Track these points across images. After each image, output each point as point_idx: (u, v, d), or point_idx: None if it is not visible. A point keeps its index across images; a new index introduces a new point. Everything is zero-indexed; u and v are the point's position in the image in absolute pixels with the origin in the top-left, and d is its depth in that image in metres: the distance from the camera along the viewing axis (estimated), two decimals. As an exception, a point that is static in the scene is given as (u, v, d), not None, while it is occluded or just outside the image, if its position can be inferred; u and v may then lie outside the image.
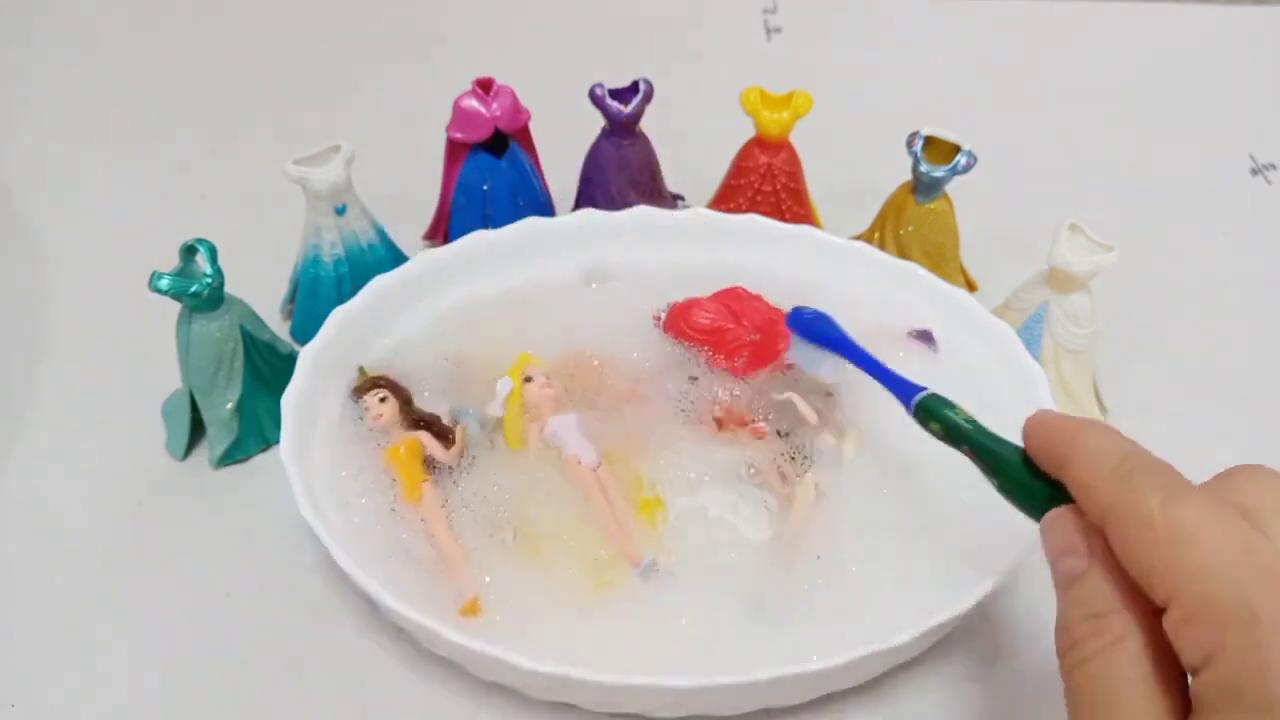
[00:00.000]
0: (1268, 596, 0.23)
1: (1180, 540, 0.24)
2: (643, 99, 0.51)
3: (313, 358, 0.43)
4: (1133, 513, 0.25)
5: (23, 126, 0.67)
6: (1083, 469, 0.28)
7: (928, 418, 0.35)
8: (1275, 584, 0.23)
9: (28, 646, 0.40)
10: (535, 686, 0.36)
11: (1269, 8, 0.80)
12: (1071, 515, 0.28)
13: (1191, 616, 0.23)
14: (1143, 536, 0.25)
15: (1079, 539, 0.27)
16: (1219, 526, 0.24)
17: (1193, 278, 0.57)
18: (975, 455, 0.33)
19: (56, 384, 0.50)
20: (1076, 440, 0.28)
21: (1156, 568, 0.24)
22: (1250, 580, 0.23)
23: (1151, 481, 0.26)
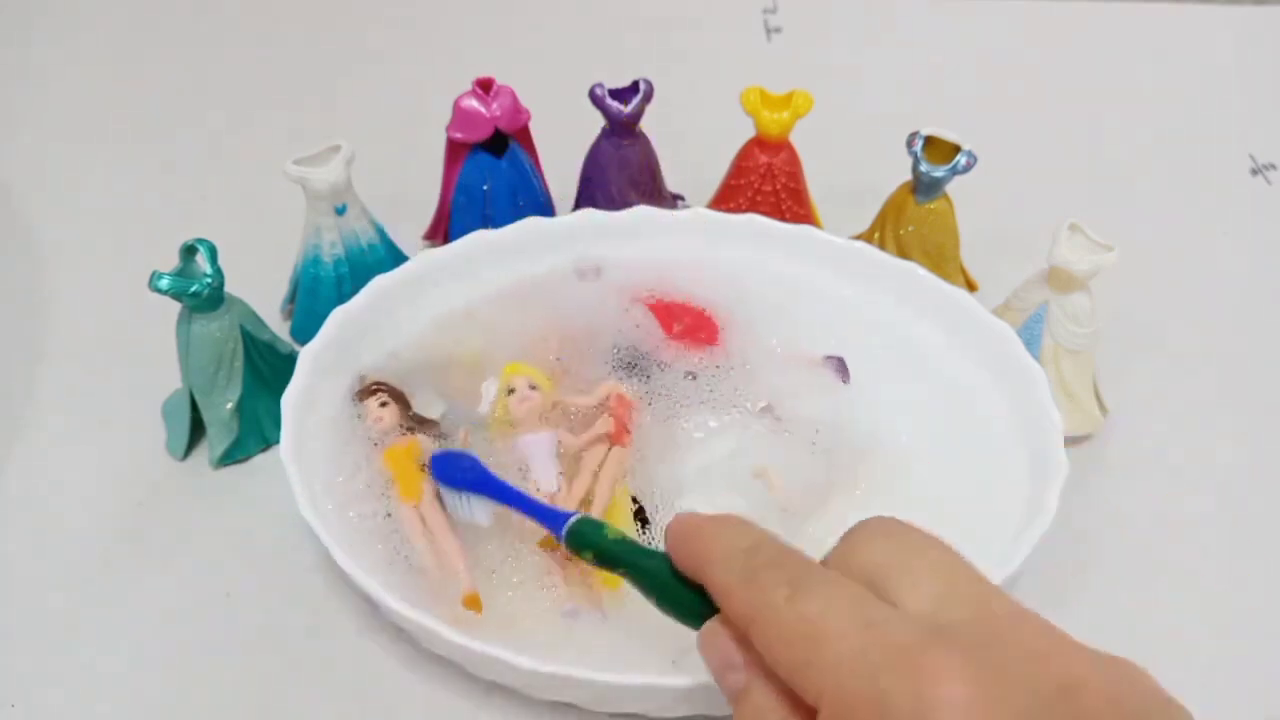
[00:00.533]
0: (895, 682, 0.22)
1: (810, 637, 0.24)
2: (643, 99, 0.51)
3: (313, 358, 0.43)
4: (764, 615, 0.25)
5: (23, 126, 0.67)
6: (714, 573, 0.27)
7: (580, 545, 0.33)
8: (900, 664, 0.23)
9: (28, 646, 0.40)
10: (535, 686, 0.36)
11: (1269, 8, 0.80)
12: (723, 627, 0.27)
13: (836, 717, 0.23)
14: (778, 639, 0.25)
15: (734, 652, 0.26)
16: (843, 612, 0.24)
17: (1193, 278, 0.57)
18: (628, 575, 0.31)
19: (56, 384, 0.50)
20: (709, 540, 0.28)
21: (798, 670, 0.24)
22: (877, 666, 0.23)
23: (777, 577, 0.26)
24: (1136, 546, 0.44)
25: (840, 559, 0.27)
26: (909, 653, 0.23)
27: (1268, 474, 0.47)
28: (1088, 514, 0.44)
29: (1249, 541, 0.44)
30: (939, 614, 0.25)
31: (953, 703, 0.22)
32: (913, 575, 0.25)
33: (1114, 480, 0.46)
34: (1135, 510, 0.45)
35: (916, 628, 0.24)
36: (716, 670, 0.27)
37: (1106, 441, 0.48)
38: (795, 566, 0.26)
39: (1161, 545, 0.44)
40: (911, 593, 0.25)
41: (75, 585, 0.41)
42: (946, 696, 0.22)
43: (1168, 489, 0.46)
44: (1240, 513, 0.46)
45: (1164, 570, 0.43)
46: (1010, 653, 0.23)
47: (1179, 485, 0.46)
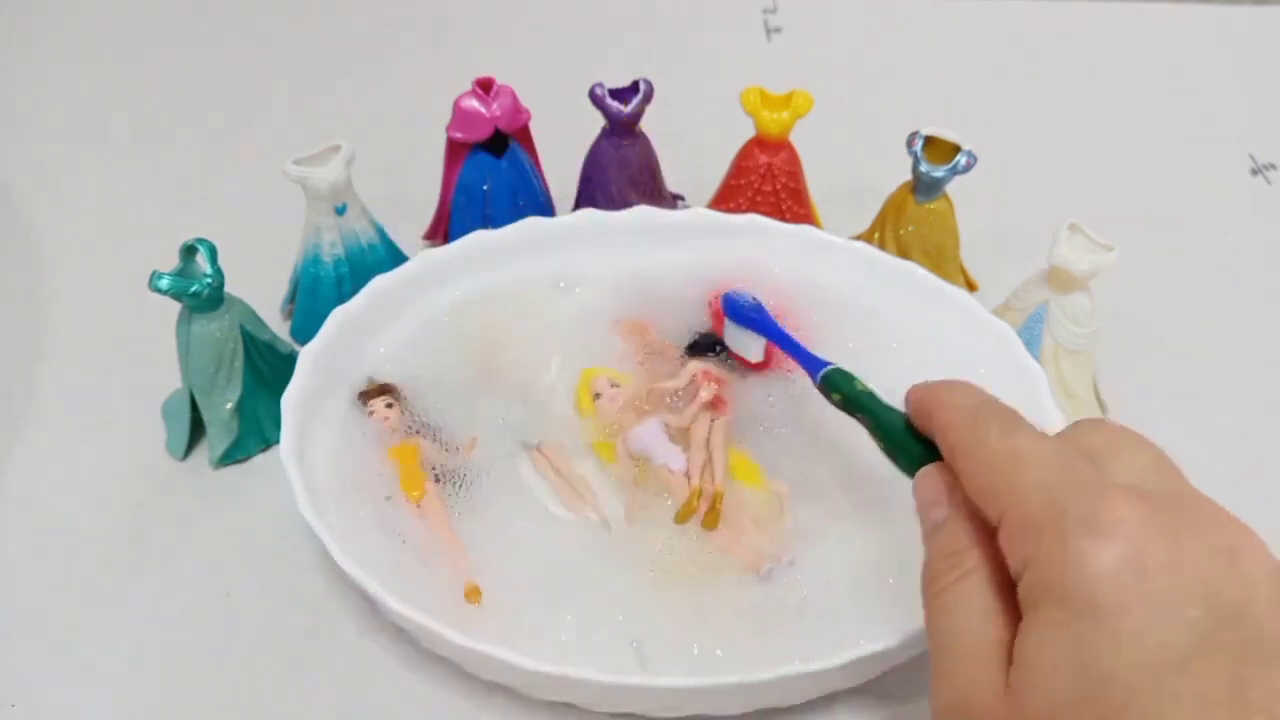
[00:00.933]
0: (1077, 500, 0.25)
1: (1011, 464, 0.27)
2: (643, 99, 0.51)
3: (313, 358, 0.43)
4: (975, 444, 0.28)
5: (23, 126, 0.67)
6: (943, 415, 0.30)
7: (830, 389, 0.38)
8: (1087, 492, 0.25)
9: (28, 646, 0.40)
10: (535, 686, 0.36)
11: (1269, 8, 0.80)
12: (938, 471, 0.30)
13: (1016, 529, 0.26)
14: (981, 464, 0.28)
15: (943, 491, 0.29)
16: (1045, 451, 0.27)
17: (1193, 278, 0.57)
18: (867, 421, 0.35)
19: (56, 384, 0.50)
20: (942, 394, 0.31)
21: (991, 490, 0.27)
22: (1065, 491, 0.25)
23: (994, 418, 0.29)
24: (1136, 546, 0.44)
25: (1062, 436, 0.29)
26: (1094, 484, 0.25)
27: (1268, 474, 0.47)
28: (1088, 514, 0.44)
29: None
30: (1136, 482, 0.26)
31: (1125, 522, 0.24)
32: (1122, 457, 0.27)
33: (1114, 480, 0.46)
34: (1135, 510, 0.45)
35: (1110, 479, 0.26)
36: (924, 504, 0.30)
37: (1106, 441, 0.48)
38: (1014, 417, 0.29)
39: (1161, 545, 0.44)
40: (1117, 465, 0.27)
41: (75, 585, 0.41)
42: (1118, 517, 0.24)
43: (1168, 489, 0.46)
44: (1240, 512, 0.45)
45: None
46: (1191, 514, 0.25)
47: (1179, 485, 0.46)
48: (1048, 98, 0.71)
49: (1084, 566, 0.23)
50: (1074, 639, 0.23)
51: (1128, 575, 0.23)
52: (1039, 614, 0.24)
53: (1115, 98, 0.71)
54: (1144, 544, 0.23)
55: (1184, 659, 0.22)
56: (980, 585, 0.26)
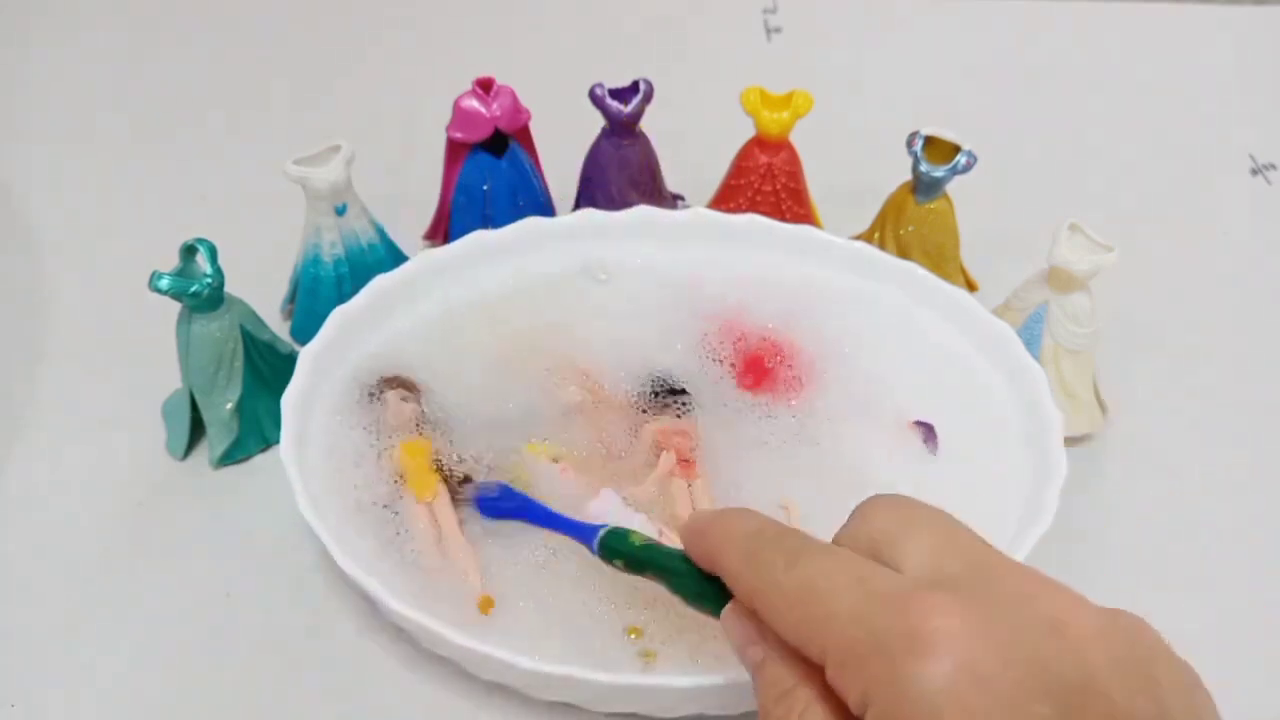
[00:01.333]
0: (890, 622, 0.23)
1: (808, 598, 0.25)
2: (643, 99, 0.51)
3: (313, 358, 0.43)
4: (766, 585, 0.27)
5: (23, 126, 0.67)
6: (723, 558, 0.29)
7: (610, 555, 0.34)
8: (893, 608, 0.24)
9: (28, 646, 0.40)
10: (536, 686, 0.36)
11: (1269, 8, 0.80)
12: (739, 610, 0.29)
13: (842, 666, 0.24)
14: (780, 606, 0.26)
15: (752, 630, 0.28)
16: (836, 572, 0.25)
17: (1193, 278, 0.57)
18: (656, 577, 0.33)
19: (56, 384, 0.50)
20: (713, 531, 0.30)
21: (801, 631, 0.26)
22: (874, 613, 0.24)
23: (776, 552, 0.27)
24: (1136, 546, 0.44)
25: (845, 534, 0.29)
26: (901, 596, 0.24)
27: (1268, 474, 0.47)
28: (1088, 514, 0.44)
29: (1249, 541, 0.45)
30: (935, 570, 0.25)
31: (943, 631, 0.23)
32: (912, 540, 0.26)
33: (1114, 480, 0.46)
34: (1135, 510, 0.45)
35: (910, 580, 0.25)
36: (738, 647, 0.29)
37: (1106, 441, 0.48)
38: (794, 541, 0.28)
39: (1161, 545, 0.44)
40: (911, 555, 0.26)
41: (75, 585, 0.41)
42: (936, 627, 0.23)
43: (1168, 489, 0.46)
44: (1240, 512, 0.46)
45: (1164, 570, 0.43)
46: (1002, 593, 0.24)
47: (1179, 485, 0.46)
48: (1048, 98, 0.71)
49: (921, 692, 0.22)
50: None
51: (966, 688, 0.22)
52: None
53: (1115, 98, 0.71)
54: (970, 648, 0.22)
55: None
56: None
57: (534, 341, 0.47)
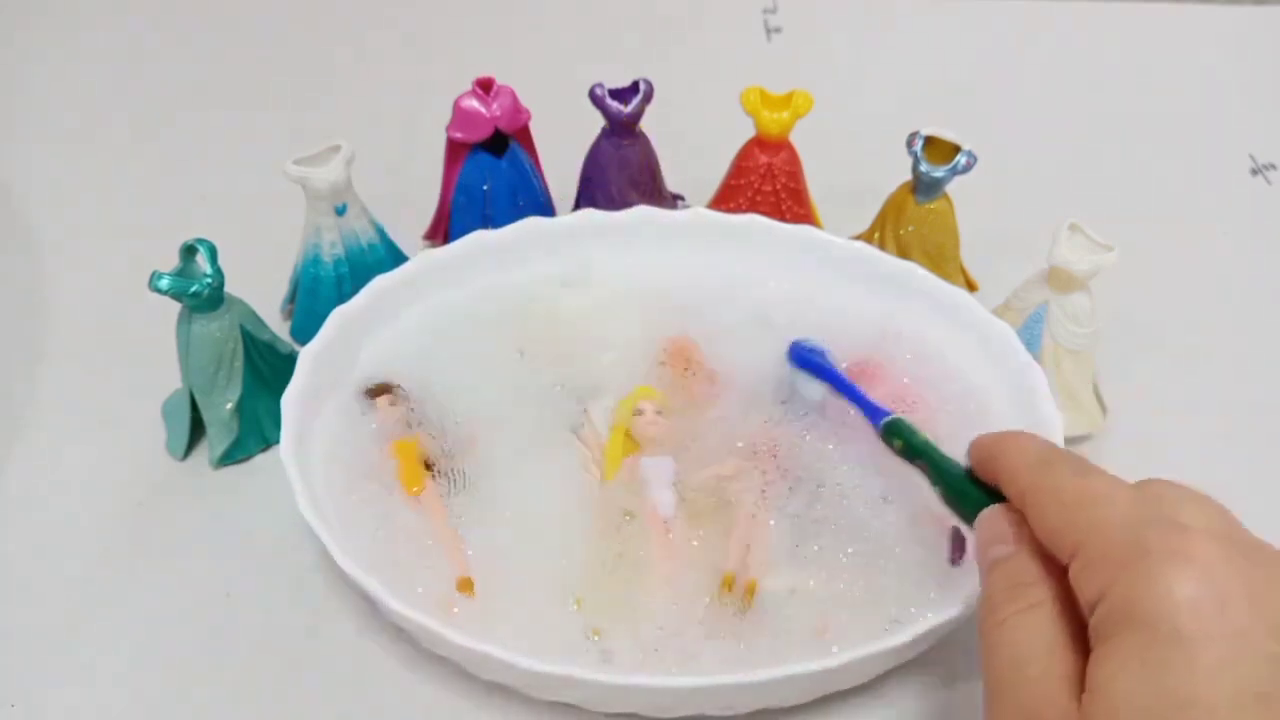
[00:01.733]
0: (1157, 535, 0.25)
1: (1085, 503, 0.27)
2: (643, 99, 0.51)
3: (313, 358, 0.43)
4: (1049, 484, 0.29)
5: (23, 126, 0.67)
6: (1009, 459, 0.31)
7: (891, 436, 0.39)
8: (1165, 529, 0.25)
9: (28, 646, 0.40)
10: (535, 686, 0.36)
11: (1269, 8, 0.80)
12: (1002, 510, 0.31)
13: (1093, 562, 0.26)
14: (1055, 502, 0.28)
15: (1009, 530, 0.30)
16: (1121, 491, 0.28)
17: (1193, 278, 0.57)
18: (926, 468, 0.36)
19: (56, 384, 0.50)
20: (1008, 441, 0.32)
21: (1066, 527, 0.27)
22: (1146, 526, 0.26)
23: (1066, 461, 0.30)
24: (1136, 546, 0.44)
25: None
26: (1176, 525, 0.26)
27: (1268, 474, 0.47)
28: (1088, 514, 0.44)
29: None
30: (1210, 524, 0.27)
31: (1203, 558, 0.24)
32: (1187, 505, 0.27)
33: (1114, 480, 0.46)
34: (1135, 510, 0.45)
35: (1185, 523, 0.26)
36: (986, 542, 0.30)
37: (1106, 441, 0.48)
38: (1086, 462, 0.30)
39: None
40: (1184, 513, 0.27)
41: (75, 585, 0.41)
42: (1199, 552, 0.24)
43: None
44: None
45: (1164, 570, 0.43)
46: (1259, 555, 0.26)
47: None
48: (1048, 98, 0.71)
49: (1167, 594, 0.24)
50: (1155, 665, 0.23)
51: (1210, 607, 0.23)
52: (1116, 641, 0.24)
53: (1115, 98, 0.71)
54: (1225, 580, 0.24)
55: (1267, 694, 0.23)
56: (1048, 618, 0.27)
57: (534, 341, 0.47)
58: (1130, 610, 0.24)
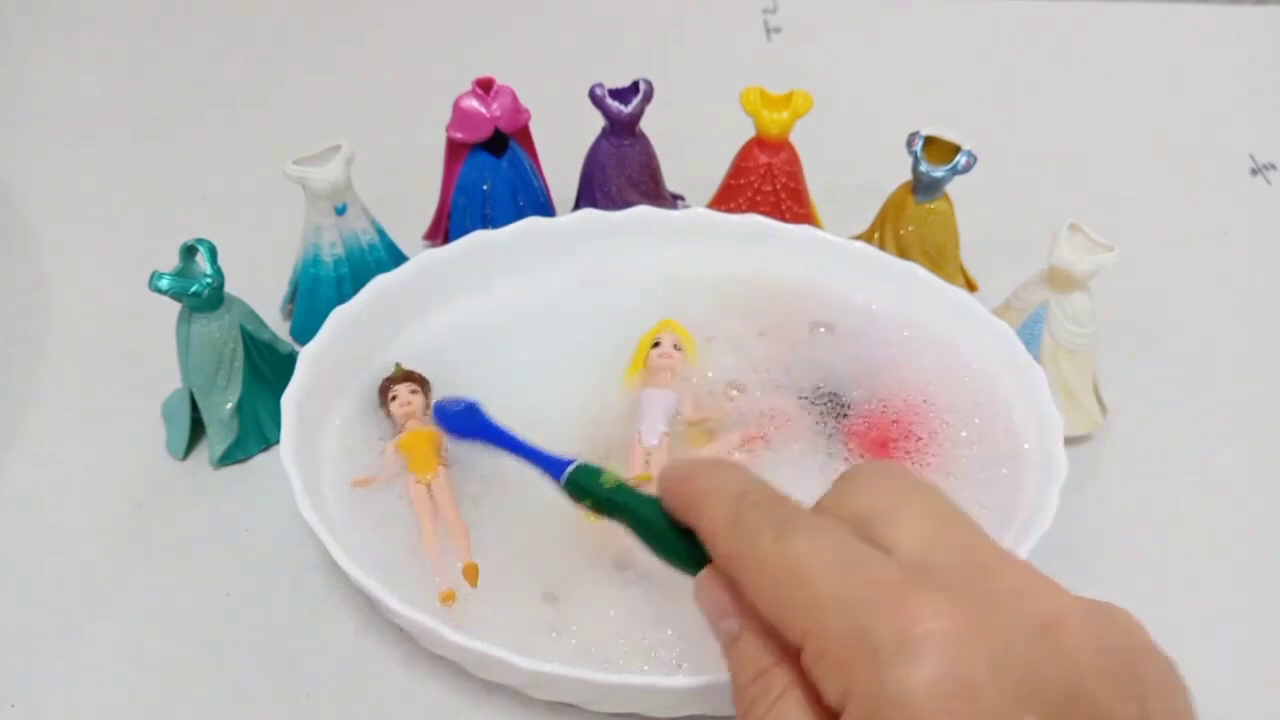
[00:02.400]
0: (878, 619, 0.22)
1: (794, 576, 0.24)
2: (643, 99, 0.51)
3: (313, 358, 0.43)
4: (750, 557, 0.25)
5: (23, 126, 0.67)
6: (705, 517, 0.27)
7: (579, 493, 0.33)
8: (883, 601, 0.23)
9: (28, 646, 0.40)
10: (535, 686, 0.36)
11: (1269, 8, 0.80)
12: (717, 574, 0.27)
13: (819, 654, 0.23)
14: (763, 580, 0.25)
15: (727, 599, 0.26)
16: (827, 552, 0.24)
17: (1193, 278, 0.57)
18: (626, 522, 0.31)
19: (56, 384, 0.50)
20: (700, 483, 0.28)
21: (782, 610, 0.24)
22: (860, 603, 0.23)
23: (763, 519, 0.26)
24: (1136, 546, 0.44)
25: (832, 502, 0.27)
26: (891, 590, 0.23)
27: (1268, 474, 0.47)
28: (1088, 514, 0.44)
29: (1249, 541, 0.44)
30: (926, 557, 0.24)
31: (933, 636, 0.22)
32: (902, 518, 0.25)
33: (1114, 480, 0.46)
34: (1135, 510, 0.45)
35: (900, 568, 0.24)
36: (711, 617, 0.27)
37: (1106, 441, 0.48)
38: (782, 510, 0.26)
39: (1161, 545, 0.44)
40: (900, 535, 0.25)
41: (75, 585, 0.41)
42: (927, 631, 0.22)
43: (1168, 489, 0.46)
44: (1240, 512, 0.46)
45: (1164, 570, 0.43)
46: (994, 590, 0.23)
47: (1179, 485, 0.46)
48: (1048, 98, 0.71)
49: (906, 699, 0.21)
50: None
51: (954, 700, 0.21)
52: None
53: (1115, 98, 0.71)
54: (958, 653, 0.22)
55: None
56: (799, 707, 0.24)
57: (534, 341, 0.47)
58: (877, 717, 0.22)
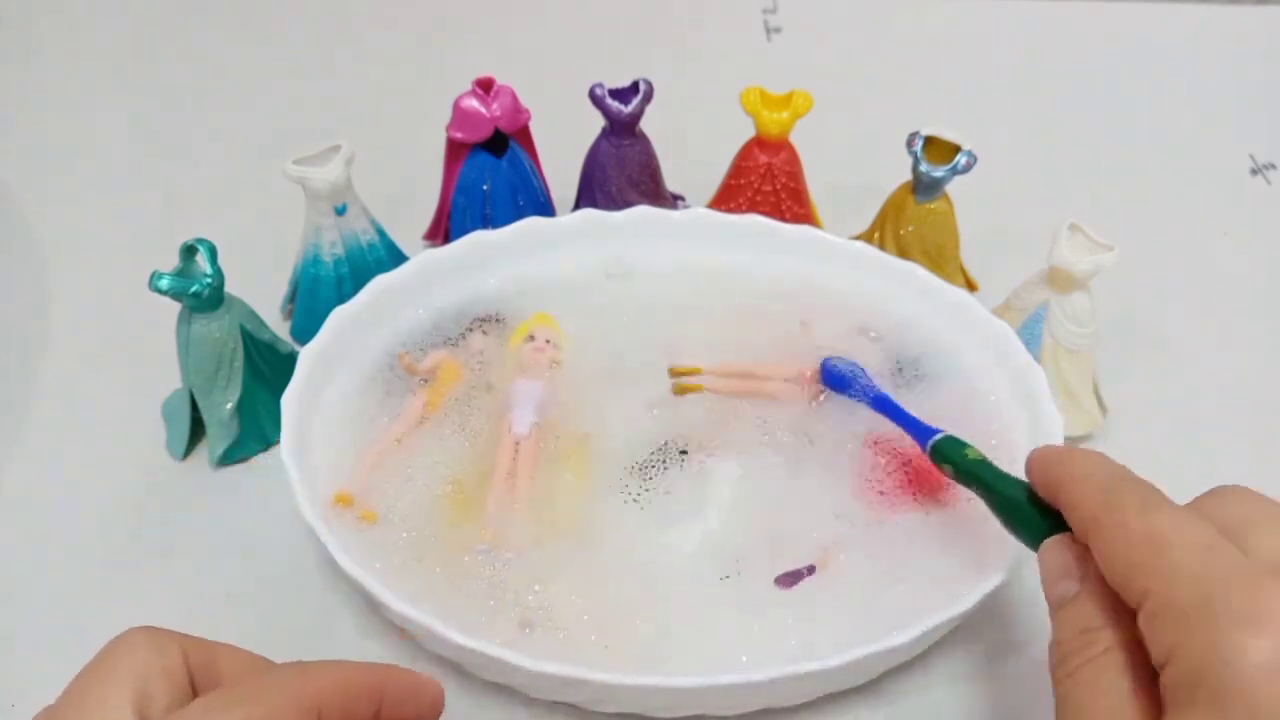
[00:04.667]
0: (1227, 594, 0.24)
1: (1152, 544, 0.26)
2: (643, 99, 0.51)
3: (313, 358, 0.43)
4: (1113, 522, 0.27)
5: (23, 126, 0.67)
6: (1073, 486, 0.30)
7: (940, 459, 0.37)
8: (1236, 583, 0.24)
9: (28, 646, 0.40)
10: (535, 686, 0.36)
11: (1269, 8, 0.80)
12: (1067, 542, 0.30)
13: (1157, 614, 0.25)
14: (1120, 543, 0.27)
15: (1073, 563, 0.29)
16: (1189, 531, 0.26)
17: (1193, 278, 0.57)
18: (982, 490, 0.35)
19: (56, 384, 0.50)
20: (1070, 463, 0.30)
21: (1131, 571, 0.26)
22: (1215, 578, 0.24)
23: (1132, 494, 0.28)
24: (1136, 546, 0.44)
25: (1197, 504, 0.29)
26: (1245, 573, 0.24)
27: (1268, 474, 0.47)
28: (1088, 514, 0.44)
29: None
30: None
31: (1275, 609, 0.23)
32: (1263, 530, 0.26)
33: (1114, 480, 0.46)
34: (1135, 510, 0.45)
35: (1258, 564, 0.25)
36: (1051, 577, 0.29)
37: (1106, 441, 0.48)
38: (1152, 492, 0.28)
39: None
40: (1263, 546, 0.26)
41: (75, 585, 0.41)
42: (1274, 609, 0.23)
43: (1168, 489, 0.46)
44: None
45: (1164, 570, 0.43)
46: None
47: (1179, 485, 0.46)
48: (1048, 98, 0.71)
49: (1239, 663, 0.22)
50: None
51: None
52: (1186, 711, 0.23)
53: (1115, 98, 0.71)
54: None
55: None
56: (1118, 667, 0.26)
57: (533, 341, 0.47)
58: (1200, 679, 0.23)
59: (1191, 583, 0.24)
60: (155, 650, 0.27)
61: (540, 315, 0.47)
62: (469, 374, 0.45)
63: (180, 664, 0.27)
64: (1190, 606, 0.24)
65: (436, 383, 0.44)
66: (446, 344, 0.46)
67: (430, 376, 0.45)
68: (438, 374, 0.45)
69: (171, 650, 0.27)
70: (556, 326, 0.47)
